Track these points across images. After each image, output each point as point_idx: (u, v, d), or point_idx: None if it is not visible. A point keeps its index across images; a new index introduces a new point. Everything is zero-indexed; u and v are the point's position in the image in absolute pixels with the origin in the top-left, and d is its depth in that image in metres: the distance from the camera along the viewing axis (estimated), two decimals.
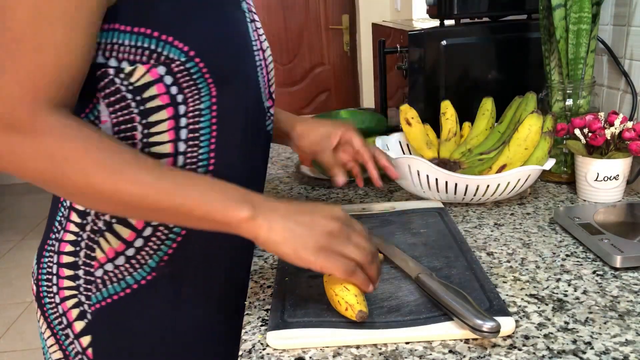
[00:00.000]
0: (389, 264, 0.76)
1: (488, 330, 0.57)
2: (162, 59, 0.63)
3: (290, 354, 0.60)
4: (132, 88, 0.64)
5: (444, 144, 1.09)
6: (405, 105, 1.07)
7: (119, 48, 0.62)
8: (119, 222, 0.69)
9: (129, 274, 0.71)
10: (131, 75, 0.63)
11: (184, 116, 0.66)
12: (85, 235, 0.70)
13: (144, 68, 0.63)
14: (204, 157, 0.69)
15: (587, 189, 0.97)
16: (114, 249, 0.70)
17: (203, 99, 0.67)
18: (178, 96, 0.65)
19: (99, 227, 0.69)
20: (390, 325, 0.62)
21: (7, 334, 2.55)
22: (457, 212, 0.96)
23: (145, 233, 0.70)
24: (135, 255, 0.70)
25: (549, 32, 1.05)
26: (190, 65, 0.64)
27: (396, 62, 1.34)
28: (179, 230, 0.71)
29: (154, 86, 0.64)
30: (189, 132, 0.67)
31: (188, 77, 0.65)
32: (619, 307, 0.66)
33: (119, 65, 0.63)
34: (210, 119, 0.68)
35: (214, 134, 0.69)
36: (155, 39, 0.62)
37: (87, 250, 0.70)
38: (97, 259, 0.70)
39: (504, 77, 1.24)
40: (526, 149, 0.94)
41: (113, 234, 0.69)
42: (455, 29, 1.22)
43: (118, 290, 0.71)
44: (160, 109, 0.65)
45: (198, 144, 0.68)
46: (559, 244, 0.83)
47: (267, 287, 0.75)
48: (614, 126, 0.94)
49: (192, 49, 0.63)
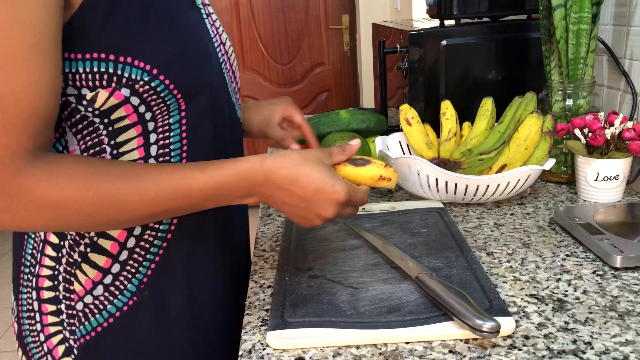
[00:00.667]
0: (389, 264, 0.76)
1: (488, 330, 0.57)
2: (124, 81, 0.60)
3: (290, 354, 0.60)
4: (98, 113, 0.61)
5: (444, 144, 1.09)
6: (405, 105, 1.07)
7: (74, 77, 0.59)
8: (93, 250, 0.67)
9: (109, 303, 0.68)
10: (94, 101, 0.60)
11: (153, 132, 0.65)
12: (62, 268, 0.68)
13: (106, 92, 0.60)
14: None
15: (587, 189, 0.97)
16: (90, 279, 0.67)
17: (172, 113, 0.66)
18: (146, 114, 0.64)
19: (74, 259, 0.67)
20: (390, 325, 0.62)
21: (7, 334, 2.55)
22: (457, 212, 0.96)
23: (121, 257, 0.68)
24: (114, 282, 0.68)
25: (549, 32, 1.06)
26: (155, 83, 0.61)
27: (396, 62, 1.34)
28: (156, 250, 0.69)
29: (122, 107, 0.62)
30: (159, 147, 0.66)
31: (155, 96, 0.63)
32: (619, 307, 0.66)
33: (79, 92, 0.60)
34: (181, 132, 0.67)
35: (184, 147, 0.68)
36: (112, 62, 0.59)
37: (66, 284, 0.68)
38: (76, 292, 0.68)
39: (504, 77, 1.24)
40: (526, 149, 0.94)
41: (89, 263, 0.67)
42: (455, 29, 1.22)
43: (101, 321, 0.69)
44: (129, 127, 0.64)
45: (169, 159, 0.67)
46: (559, 244, 0.83)
47: (267, 287, 0.75)
48: (614, 126, 0.94)
49: (155, 67, 0.61)
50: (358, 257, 0.78)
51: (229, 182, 0.62)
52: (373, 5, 3.25)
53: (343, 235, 0.86)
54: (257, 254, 0.85)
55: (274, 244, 0.88)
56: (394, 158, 0.96)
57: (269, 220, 0.99)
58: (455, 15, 1.23)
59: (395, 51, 1.27)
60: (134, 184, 0.58)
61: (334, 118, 1.20)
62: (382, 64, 1.30)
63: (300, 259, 0.79)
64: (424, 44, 1.21)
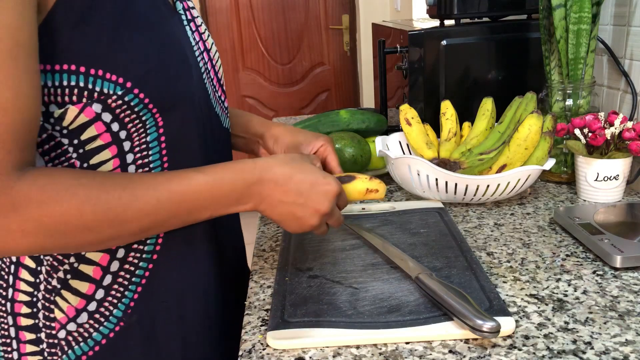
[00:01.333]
0: (389, 264, 0.76)
1: (488, 330, 0.57)
2: (96, 96, 0.56)
3: (290, 354, 0.60)
4: (66, 132, 0.57)
5: (444, 144, 1.09)
6: (405, 105, 1.07)
7: (41, 90, 0.55)
8: (74, 276, 0.63)
9: (95, 330, 0.64)
10: (62, 118, 0.56)
11: (129, 152, 0.61)
12: (40, 295, 0.63)
13: (76, 109, 0.56)
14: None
15: (587, 189, 0.97)
16: (73, 306, 0.63)
17: (149, 131, 0.61)
18: (121, 132, 0.59)
19: (53, 285, 0.63)
20: (390, 325, 0.62)
21: None
22: (457, 212, 0.96)
23: (105, 282, 0.64)
24: (99, 309, 0.64)
25: (549, 32, 1.06)
26: (129, 97, 0.57)
27: (396, 62, 1.34)
28: (142, 272, 0.66)
29: (92, 126, 0.58)
30: (137, 167, 0.62)
31: (129, 111, 0.58)
32: (619, 307, 0.66)
33: (47, 109, 0.56)
34: (160, 150, 0.63)
35: (165, 165, 0.65)
36: (83, 75, 0.55)
37: (45, 312, 0.63)
38: (57, 320, 0.63)
39: (504, 77, 1.24)
40: (526, 149, 0.94)
41: (70, 290, 0.63)
42: (455, 29, 1.22)
43: (86, 349, 0.64)
44: (102, 149, 0.59)
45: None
46: (559, 244, 0.83)
47: (267, 287, 0.75)
48: (614, 126, 0.94)
49: (128, 80, 0.57)
50: (358, 257, 0.78)
51: (224, 180, 0.61)
52: (373, 5, 3.25)
53: (343, 235, 0.86)
54: (257, 254, 0.85)
55: (274, 244, 0.88)
56: (394, 158, 0.96)
57: (269, 220, 0.99)
58: (455, 15, 1.23)
59: (395, 51, 1.27)
60: (132, 192, 0.56)
61: (334, 118, 1.20)
62: (382, 64, 1.30)
63: (300, 259, 0.79)
64: (424, 44, 1.21)
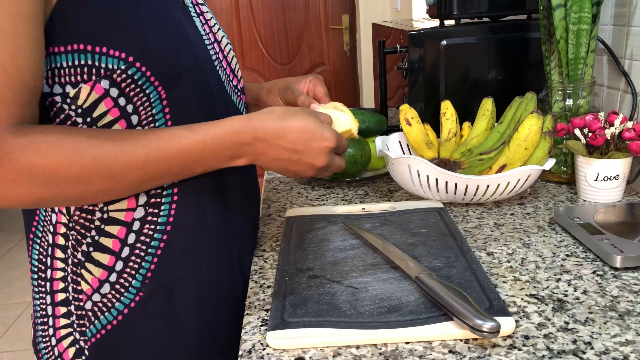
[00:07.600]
0: (389, 264, 0.76)
1: (488, 330, 0.57)
2: (102, 72, 0.61)
3: (290, 354, 0.60)
4: (81, 111, 0.62)
5: (444, 144, 1.09)
6: (405, 105, 1.07)
7: (59, 72, 0.61)
8: (96, 249, 0.68)
9: (117, 300, 0.69)
10: (77, 97, 0.61)
11: (137, 125, 0.65)
12: (69, 269, 0.69)
13: (87, 87, 0.61)
14: None
15: (587, 189, 0.97)
16: (97, 277, 0.68)
17: (154, 104, 0.65)
18: (128, 107, 0.64)
19: (78, 259, 0.68)
20: (390, 325, 0.62)
21: (7, 334, 2.55)
22: (457, 212, 0.96)
23: (123, 254, 0.68)
24: (119, 280, 0.69)
25: (549, 32, 1.05)
26: (132, 71, 0.62)
27: (396, 62, 1.34)
28: (157, 243, 0.69)
29: (102, 102, 0.62)
30: None
31: (133, 85, 0.63)
32: (619, 307, 0.66)
33: (64, 90, 0.61)
34: (165, 122, 0.67)
35: None
36: (90, 53, 0.60)
37: (74, 285, 0.69)
38: (84, 292, 0.69)
39: (504, 77, 1.24)
40: (526, 149, 0.94)
41: (93, 262, 0.68)
42: (455, 29, 1.22)
43: (110, 319, 0.69)
44: (112, 123, 0.64)
45: None
46: (559, 244, 0.83)
47: (267, 287, 0.75)
48: (614, 126, 0.94)
49: (130, 55, 0.61)
50: (358, 257, 0.78)
51: (216, 140, 0.63)
52: (373, 5, 3.25)
53: (343, 235, 0.86)
54: (257, 254, 0.85)
55: (274, 244, 0.88)
56: (394, 158, 0.96)
57: (269, 220, 0.99)
58: (455, 15, 1.23)
59: (395, 51, 1.27)
60: (122, 147, 0.59)
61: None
62: (382, 64, 1.30)
63: (300, 259, 0.79)
64: (424, 44, 1.21)
